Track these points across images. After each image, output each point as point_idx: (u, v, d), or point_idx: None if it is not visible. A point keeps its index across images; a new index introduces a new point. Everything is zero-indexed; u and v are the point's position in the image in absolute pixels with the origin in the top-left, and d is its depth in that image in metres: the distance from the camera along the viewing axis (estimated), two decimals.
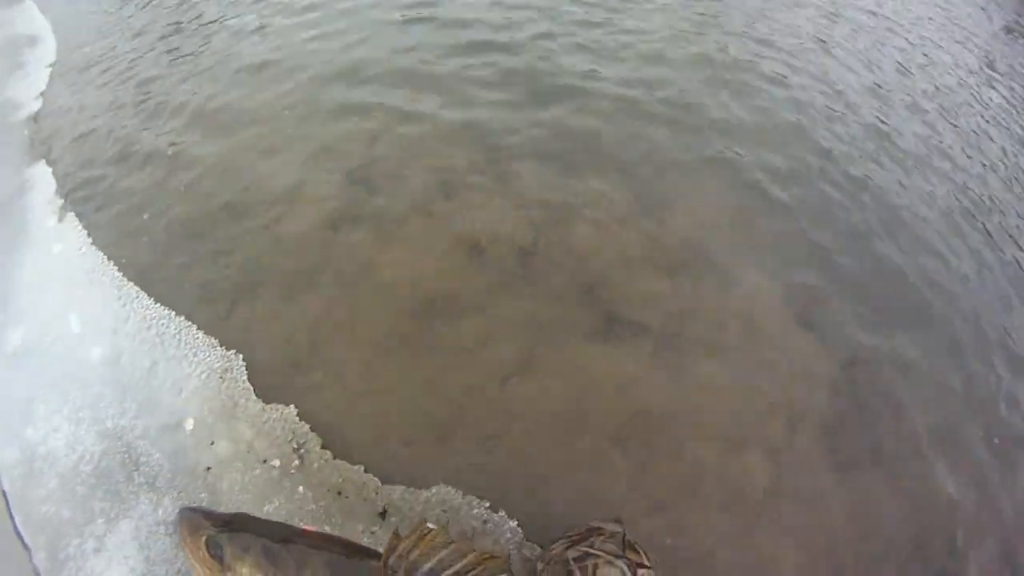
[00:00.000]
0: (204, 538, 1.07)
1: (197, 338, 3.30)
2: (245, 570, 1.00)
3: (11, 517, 3.15)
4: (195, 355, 3.24)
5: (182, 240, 3.85)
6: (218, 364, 3.17)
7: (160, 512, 2.92)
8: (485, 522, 2.62)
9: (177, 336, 3.34)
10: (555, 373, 3.14)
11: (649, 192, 4.12)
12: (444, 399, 3.00)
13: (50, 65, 6.79)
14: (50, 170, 4.94)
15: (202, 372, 3.16)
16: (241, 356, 3.17)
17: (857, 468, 3.20)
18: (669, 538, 2.73)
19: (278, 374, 3.10)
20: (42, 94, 6.17)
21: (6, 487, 3.25)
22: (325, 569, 1.02)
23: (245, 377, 3.10)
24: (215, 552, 1.04)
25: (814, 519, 2.99)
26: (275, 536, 1.08)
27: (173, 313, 3.43)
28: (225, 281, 3.53)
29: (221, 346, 3.24)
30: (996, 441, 3.58)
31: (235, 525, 1.11)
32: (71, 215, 4.36)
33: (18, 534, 3.09)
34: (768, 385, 3.35)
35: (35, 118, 5.76)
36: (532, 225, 3.75)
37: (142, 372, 3.28)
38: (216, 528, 1.09)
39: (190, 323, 3.36)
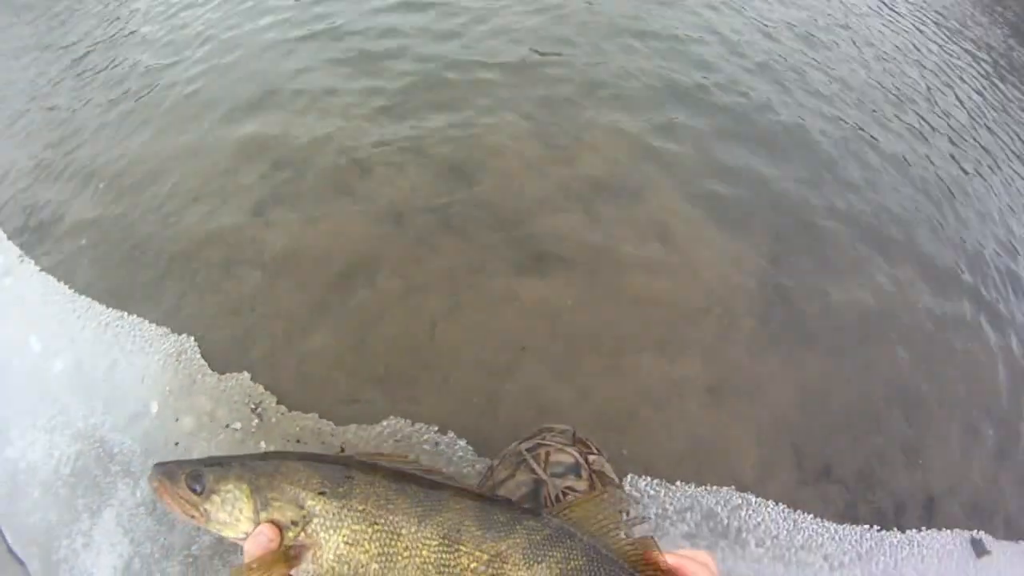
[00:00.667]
0: (183, 477, 1.04)
1: (151, 330, 3.44)
2: (230, 485, 1.03)
3: (3, 536, 3.28)
4: (151, 346, 3.38)
5: (123, 253, 3.96)
6: (173, 349, 3.31)
7: (139, 494, 3.06)
8: (437, 444, 2.80)
9: (132, 333, 3.47)
10: (484, 311, 3.29)
11: (552, 135, 4.29)
12: (380, 350, 3.15)
13: None
14: None
15: (159, 359, 3.30)
16: (193, 338, 3.31)
17: (797, 353, 3.35)
18: (625, 449, 2.89)
19: (229, 348, 3.24)
20: None
21: None
22: (299, 463, 1.07)
23: (199, 355, 3.24)
24: (195, 485, 1.03)
25: (762, 404, 3.13)
26: (250, 457, 1.11)
27: (126, 313, 3.56)
28: (168, 277, 3.66)
29: (174, 333, 3.38)
30: (937, 313, 3.77)
31: (210, 461, 1.10)
32: (16, 250, 4.45)
33: (11, 551, 3.22)
34: (695, 289, 3.50)
35: None
36: (445, 184, 3.91)
37: (104, 371, 3.41)
38: (192, 467, 1.08)
39: (142, 319, 3.49)
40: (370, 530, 0.99)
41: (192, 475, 1.04)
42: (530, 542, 0.99)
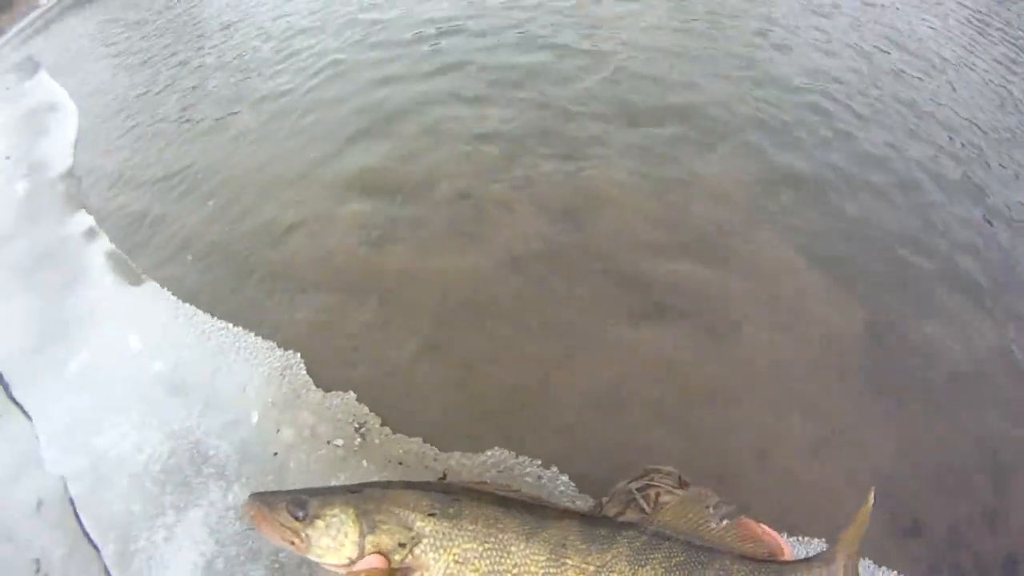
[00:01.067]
0: (284, 504, 1.07)
1: (256, 343, 3.65)
2: (335, 509, 1.05)
3: (78, 520, 3.39)
4: (255, 358, 3.58)
5: (231, 267, 4.23)
6: (278, 363, 3.51)
7: (230, 498, 3.19)
8: (539, 478, 2.91)
9: (236, 344, 3.69)
10: (597, 359, 3.39)
11: (664, 183, 4.46)
12: (489, 387, 3.29)
13: (73, 125, 7.31)
14: (91, 217, 5.34)
15: (264, 371, 3.50)
16: (299, 354, 3.51)
17: (896, 409, 3.36)
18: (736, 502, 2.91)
19: (336, 367, 3.42)
20: (71, 151, 6.64)
21: (73, 493, 3.49)
22: (405, 488, 1.11)
23: (304, 371, 3.43)
24: (297, 512, 1.06)
25: (861, 459, 3.13)
26: (352, 487, 1.15)
27: (231, 325, 3.79)
28: (276, 295, 3.90)
29: (280, 348, 3.58)
30: None
31: (311, 490, 1.14)
32: (119, 253, 4.75)
33: (86, 535, 3.31)
34: (804, 343, 3.56)
35: (69, 173, 6.19)
36: (558, 229, 4.09)
37: (205, 378, 3.60)
38: (293, 495, 1.11)
39: (248, 331, 3.71)
40: (480, 548, 1.06)
41: (295, 501, 1.09)
42: (632, 549, 1.09)
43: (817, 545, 2.83)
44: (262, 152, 5.26)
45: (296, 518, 1.07)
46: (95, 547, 3.26)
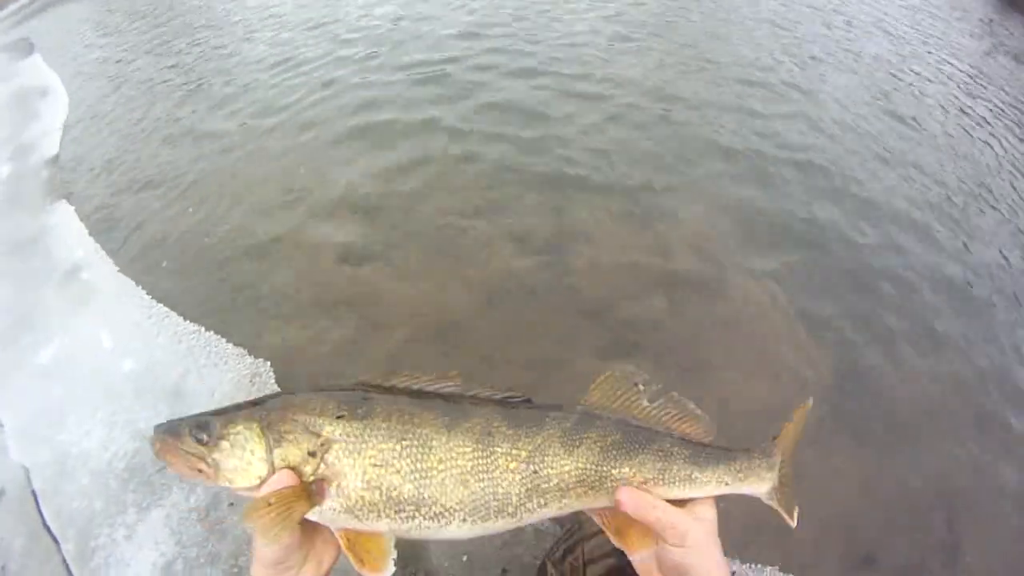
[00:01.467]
0: (187, 429, 0.96)
1: (226, 349, 3.70)
2: (239, 426, 0.96)
3: (40, 512, 3.42)
4: (225, 363, 3.64)
5: (206, 272, 4.28)
6: (247, 371, 3.57)
7: (193, 500, 3.24)
8: None
9: (207, 348, 3.74)
10: (563, 394, 3.45)
11: (643, 219, 4.56)
12: None
13: (63, 113, 7.30)
14: (72, 208, 5.36)
15: (232, 377, 3.56)
16: (269, 363, 3.57)
17: (857, 446, 3.46)
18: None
19: (304, 380, 3.46)
20: (58, 139, 6.63)
21: (36, 486, 3.52)
22: (311, 393, 1.03)
23: (273, 381, 3.49)
24: (200, 435, 0.96)
25: (820, 492, 3.19)
26: (256, 400, 1.05)
27: (202, 329, 3.84)
28: (251, 304, 3.96)
29: (250, 355, 3.64)
30: (995, 416, 3.78)
31: (216, 411, 1.04)
32: (97, 247, 4.77)
33: (47, 528, 3.34)
34: (769, 387, 3.63)
35: (53, 161, 6.20)
36: (535, 265, 4.15)
37: (174, 380, 3.65)
38: (197, 418, 1.01)
39: (219, 337, 3.76)
40: (398, 447, 0.96)
41: (198, 424, 0.99)
42: (563, 430, 1.03)
43: (771, 573, 2.92)
44: (250, 163, 5.31)
45: (200, 442, 0.97)
46: (55, 540, 3.30)
